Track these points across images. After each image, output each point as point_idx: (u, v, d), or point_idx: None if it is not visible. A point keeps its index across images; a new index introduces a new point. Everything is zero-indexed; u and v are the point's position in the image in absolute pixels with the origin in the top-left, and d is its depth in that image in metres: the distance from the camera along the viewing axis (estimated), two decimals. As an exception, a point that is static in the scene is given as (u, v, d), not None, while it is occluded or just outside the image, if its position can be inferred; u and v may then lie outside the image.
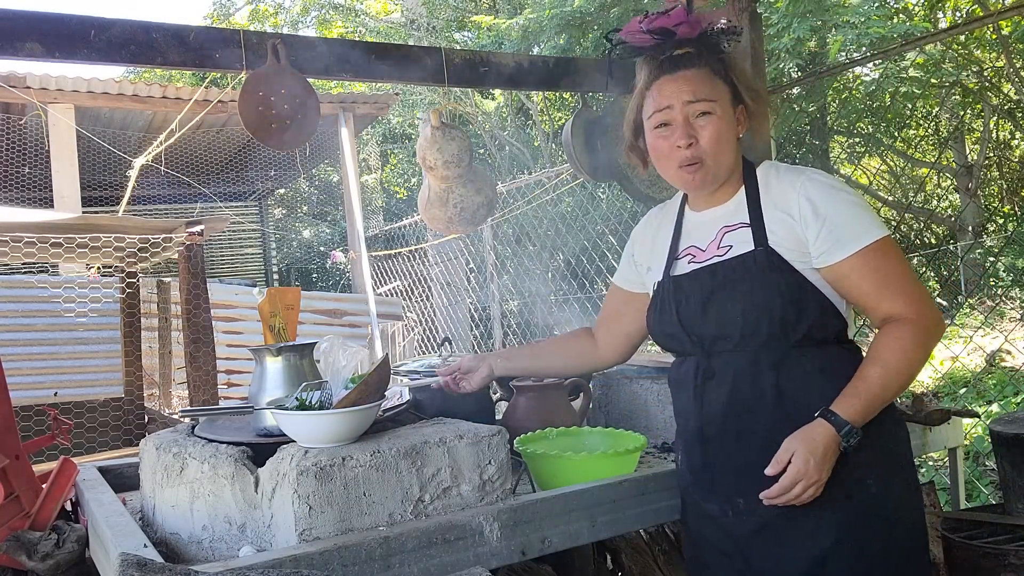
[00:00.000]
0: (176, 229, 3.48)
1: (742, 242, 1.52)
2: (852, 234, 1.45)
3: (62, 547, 1.61)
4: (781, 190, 1.52)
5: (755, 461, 1.46)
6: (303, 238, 13.81)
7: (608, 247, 6.48)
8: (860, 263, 1.44)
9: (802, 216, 1.47)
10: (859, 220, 1.46)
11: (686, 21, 1.53)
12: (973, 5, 7.34)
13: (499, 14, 9.88)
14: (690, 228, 1.66)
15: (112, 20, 2.22)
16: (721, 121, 1.52)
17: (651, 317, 1.68)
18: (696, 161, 1.52)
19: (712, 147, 1.52)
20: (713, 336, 1.52)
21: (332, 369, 1.87)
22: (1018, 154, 9.71)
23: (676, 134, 1.52)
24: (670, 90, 1.53)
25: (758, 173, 1.59)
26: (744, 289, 1.48)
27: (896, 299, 1.44)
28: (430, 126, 2.78)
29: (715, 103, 1.52)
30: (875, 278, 1.44)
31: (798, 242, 1.47)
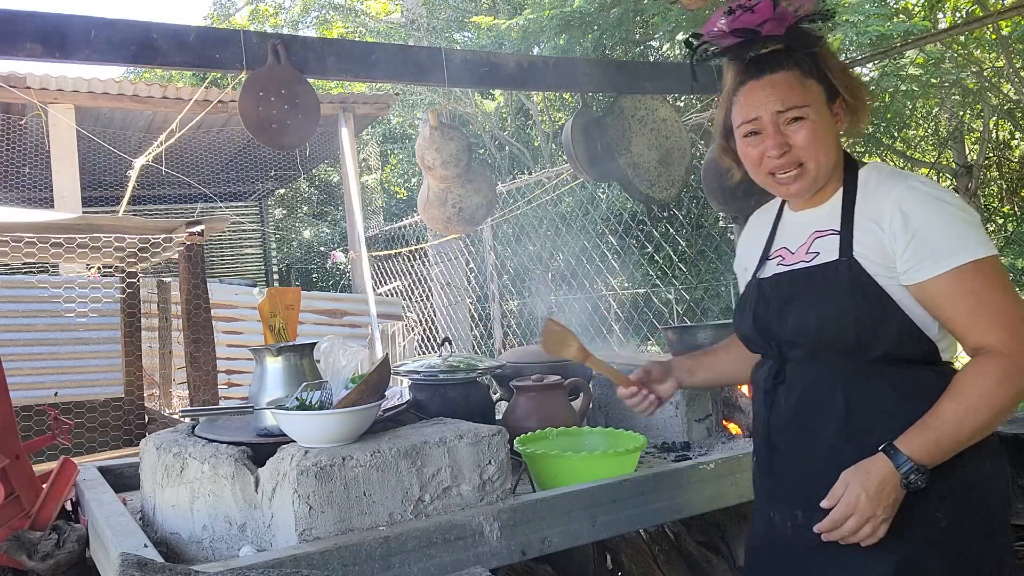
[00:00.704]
0: (176, 229, 3.48)
1: (829, 250, 1.42)
2: (945, 251, 1.30)
3: (62, 547, 1.61)
4: (877, 197, 1.39)
5: (814, 477, 1.38)
6: (303, 238, 13.81)
7: (608, 247, 6.48)
8: (951, 284, 1.30)
9: (892, 228, 1.34)
10: (956, 236, 1.31)
11: (772, 17, 1.40)
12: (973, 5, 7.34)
13: (499, 14, 9.88)
14: (785, 229, 1.57)
15: (112, 20, 2.22)
16: (816, 123, 1.40)
17: (735, 318, 1.62)
18: (792, 167, 1.42)
19: (808, 149, 1.40)
20: (788, 342, 1.45)
21: (332, 369, 1.87)
22: (1018, 154, 9.71)
23: (767, 142, 1.42)
24: (757, 99, 1.42)
25: (860, 175, 1.45)
26: (822, 300, 1.39)
27: (989, 329, 1.29)
28: (429, 126, 2.78)
29: (807, 107, 1.40)
30: (967, 303, 1.30)
31: (884, 255, 1.35)
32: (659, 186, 3.14)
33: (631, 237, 6.75)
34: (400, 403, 1.94)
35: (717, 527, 2.25)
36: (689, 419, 2.28)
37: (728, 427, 2.38)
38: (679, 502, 1.86)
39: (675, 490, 1.85)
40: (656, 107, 3.18)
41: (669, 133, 3.19)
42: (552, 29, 7.64)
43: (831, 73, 1.43)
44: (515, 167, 10.69)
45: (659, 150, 3.15)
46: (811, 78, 1.42)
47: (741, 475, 1.98)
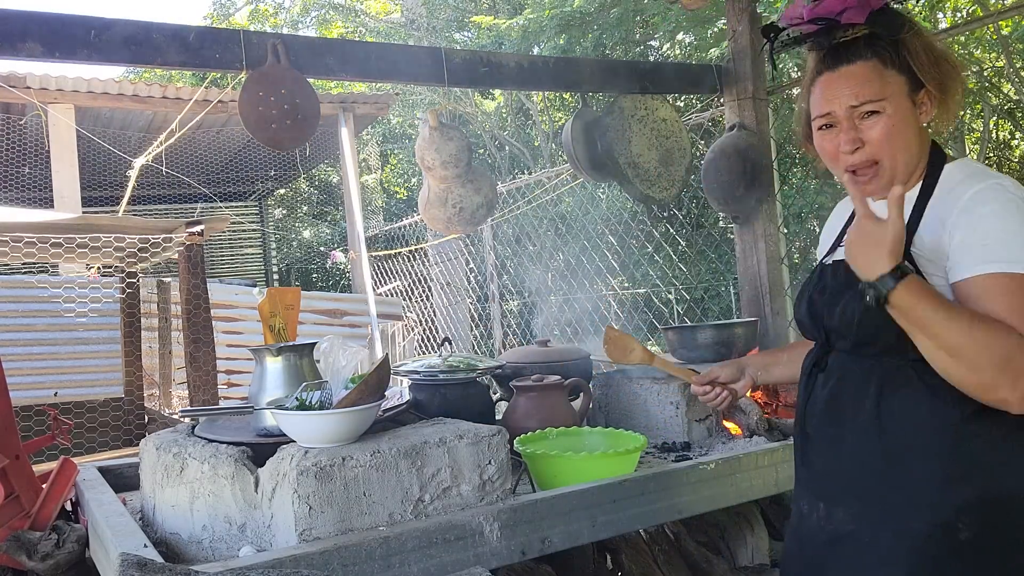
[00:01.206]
0: (176, 229, 3.48)
1: None
2: (996, 252, 1.21)
3: (62, 547, 1.61)
4: (953, 195, 1.30)
5: (837, 471, 1.36)
6: (303, 238, 13.81)
7: (608, 247, 6.48)
8: (992, 287, 1.21)
9: (953, 223, 1.26)
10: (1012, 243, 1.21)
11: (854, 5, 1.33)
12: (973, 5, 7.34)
13: (499, 14, 9.88)
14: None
15: (112, 20, 2.22)
16: (892, 119, 1.32)
17: (795, 302, 1.56)
18: (867, 164, 1.34)
19: (883, 147, 1.32)
20: (836, 331, 1.39)
21: (332, 369, 1.87)
22: (1018, 154, 9.71)
23: (840, 137, 1.35)
24: (831, 92, 1.35)
25: (944, 170, 1.35)
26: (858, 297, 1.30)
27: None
28: (428, 126, 2.78)
29: (884, 101, 1.32)
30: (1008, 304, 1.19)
31: (940, 254, 1.28)
32: (659, 186, 3.14)
33: (631, 237, 6.75)
34: (400, 403, 1.94)
35: (717, 527, 2.25)
36: (689, 419, 2.28)
37: (728, 427, 2.38)
38: (679, 502, 1.86)
39: (675, 490, 1.85)
40: (656, 107, 3.18)
41: (669, 133, 3.19)
42: (552, 29, 7.65)
43: (915, 62, 1.33)
44: (515, 167, 10.70)
45: (659, 150, 3.15)
46: (892, 68, 1.33)
47: (741, 475, 1.99)
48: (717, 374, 1.73)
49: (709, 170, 3.15)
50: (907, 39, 1.34)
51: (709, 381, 1.73)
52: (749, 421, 2.30)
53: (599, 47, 8.03)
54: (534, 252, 7.66)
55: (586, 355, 2.54)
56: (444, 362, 2.13)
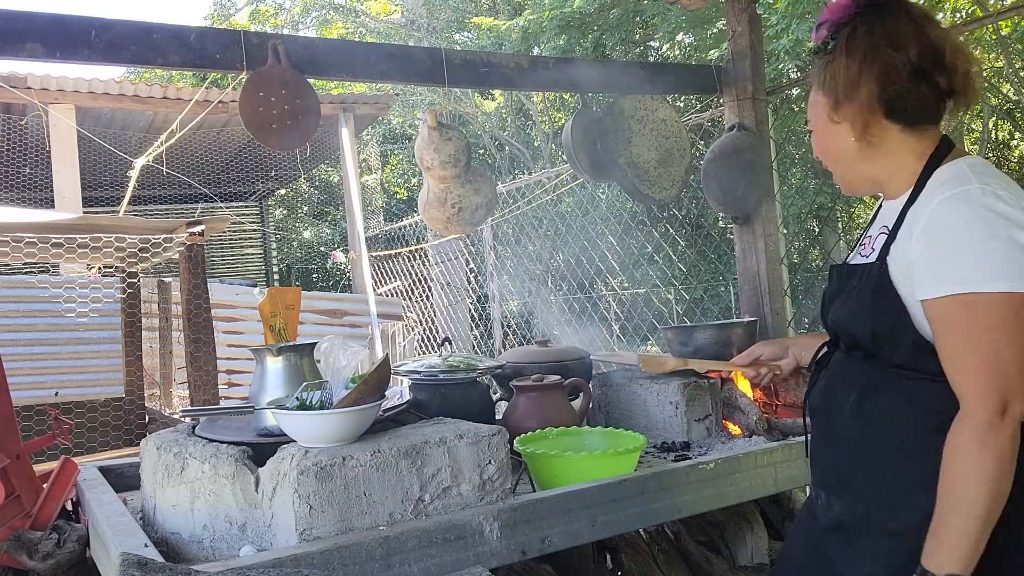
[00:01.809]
0: (177, 229, 3.48)
1: (876, 249, 1.37)
2: (944, 274, 1.20)
3: (63, 547, 1.61)
4: (925, 200, 1.28)
5: (834, 464, 1.41)
6: (303, 238, 13.81)
7: (608, 247, 6.48)
8: (941, 311, 1.21)
9: (918, 237, 1.26)
10: (966, 260, 1.19)
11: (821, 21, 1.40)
12: (973, 5, 7.34)
13: (499, 15, 9.88)
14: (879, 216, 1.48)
15: (112, 21, 2.22)
16: (818, 135, 1.44)
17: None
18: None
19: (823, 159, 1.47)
20: (832, 332, 1.48)
21: (332, 369, 1.87)
22: (1017, 154, 9.71)
23: None
24: None
25: (933, 175, 1.33)
26: (854, 300, 1.37)
27: (956, 375, 1.20)
28: (427, 126, 2.79)
29: (812, 120, 1.45)
30: (943, 338, 1.21)
31: (907, 265, 1.28)
32: (659, 186, 3.14)
33: (631, 237, 6.76)
34: (400, 403, 1.94)
35: (717, 527, 2.25)
36: (689, 419, 2.29)
37: (728, 427, 2.38)
38: (679, 502, 1.87)
39: (675, 490, 1.86)
40: (656, 107, 3.18)
41: (669, 133, 3.19)
42: (552, 30, 7.65)
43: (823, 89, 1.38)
44: (515, 167, 10.70)
45: (659, 150, 3.15)
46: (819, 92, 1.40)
47: (741, 475, 1.99)
48: (760, 352, 1.78)
49: (709, 170, 3.15)
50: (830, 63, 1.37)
51: (751, 362, 1.79)
52: (749, 421, 2.30)
53: (599, 48, 8.03)
54: (534, 252, 7.66)
55: (586, 355, 2.54)
56: (444, 362, 2.13)
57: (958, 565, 1.16)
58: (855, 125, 1.35)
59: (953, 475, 1.18)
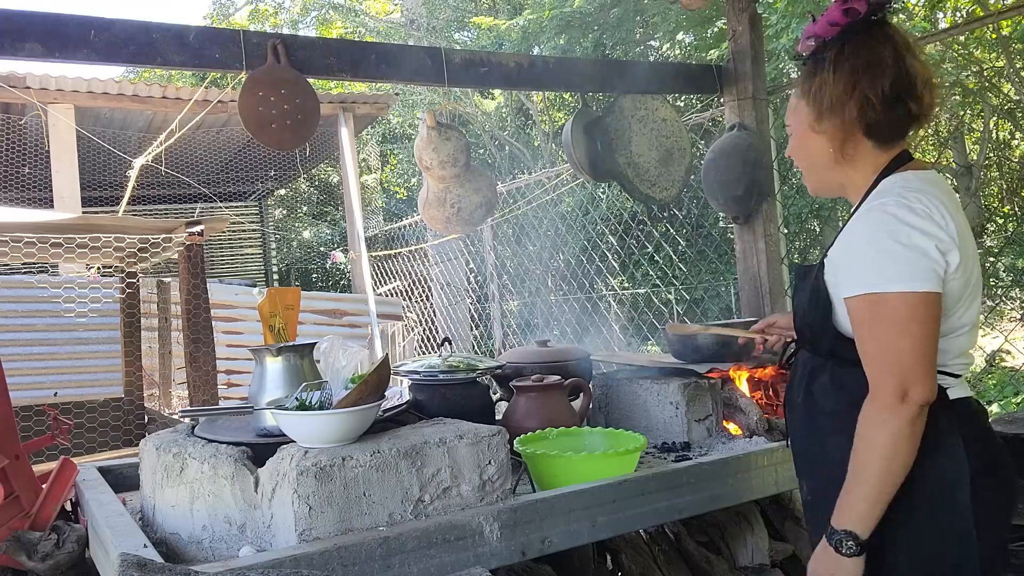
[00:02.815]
0: (176, 229, 3.48)
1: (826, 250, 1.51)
2: (853, 276, 1.37)
3: (62, 547, 1.61)
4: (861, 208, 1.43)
5: (800, 451, 1.55)
6: (303, 238, 13.81)
7: (608, 247, 6.48)
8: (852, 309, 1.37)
9: (838, 242, 1.43)
10: (871, 264, 1.33)
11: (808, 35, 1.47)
12: (973, 5, 7.34)
13: (499, 15, 9.88)
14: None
15: (112, 20, 2.22)
16: (797, 140, 1.52)
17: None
18: None
19: (797, 161, 1.55)
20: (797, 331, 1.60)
21: (332, 369, 1.87)
22: (1018, 154, 9.71)
23: None
24: None
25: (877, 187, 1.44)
26: (802, 297, 1.51)
27: (865, 363, 1.36)
28: (426, 126, 2.79)
29: (793, 124, 1.53)
30: (856, 331, 1.38)
31: (835, 267, 1.44)
32: (659, 186, 3.14)
33: (631, 237, 6.75)
34: (400, 403, 1.93)
35: (717, 527, 2.25)
36: (689, 419, 2.28)
37: (728, 427, 2.38)
38: (679, 502, 1.86)
39: (675, 490, 1.85)
40: (656, 107, 3.18)
41: (669, 133, 3.19)
42: (552, 29, 7.65)
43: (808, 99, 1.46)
44: (515, 167, 10.69)
45: (659, 150, 3.15)
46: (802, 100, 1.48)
47: (741, 475, 1.99)
48: (775, 319, 1.89)
49: (709, 170, 3.15)
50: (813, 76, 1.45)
51: (766, 326, 1.89)
52: (749, 421, 2.30)
53: (599, 47, 8.03)
54: (534, 252, 7.66)
55: (586, 355, 2.54)
56: (444, 362, 2.13)
57: (858, 525, 1.33)
58: (834, 139, 1.44)
59: (857, 448, 1.34)
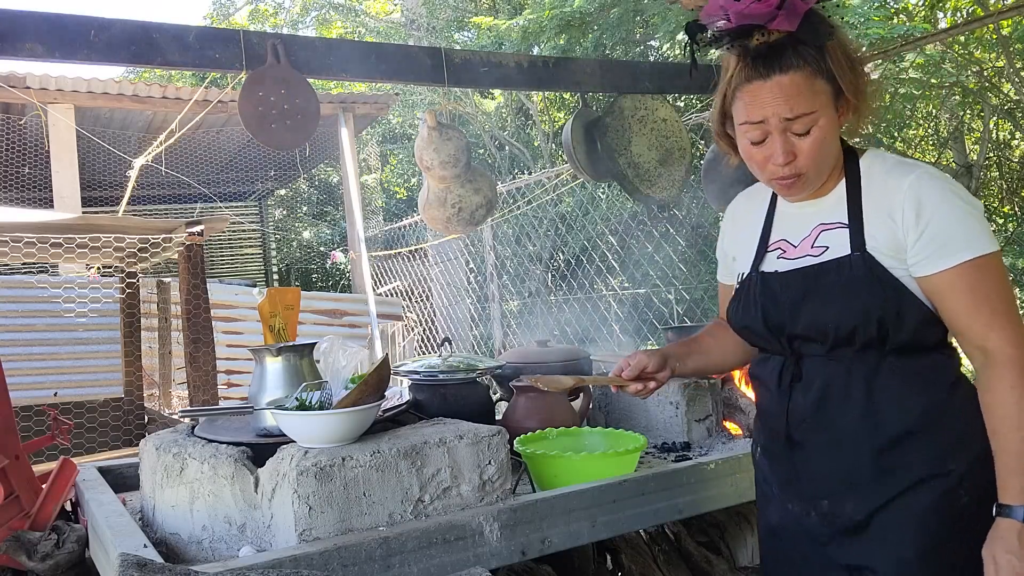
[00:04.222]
0: (176, 229, 3.48)
1: (839, 244, 1.38)
2: (953, 246, 1.29)
3: (62, 547, 1.61)
4: (886, 188, 1.35)
5: (840, 468, 1.40)
6: (303, 238, 13.81)
7: (608, 247, 6.48)
8: (955, 279, 1.30)
9: (904, 220, 1.32)
10: (965, 230, 1.30)
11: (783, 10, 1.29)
12: (973, 5, 7.34)
13: (499, 14, 9.88)
14: (783, 220, 1.51)
15: (112, 20, 2.22)
16: (823, 130, 1.34)
17: (733, 310, 1.55)
18: (794, 176, 1.36)
19: (813, 159, 1.35)
20: (802, 338, 1.42)
21: (332, 369, 1.87)
22: (1018, 154, 9.71)
23: (774, 148, 1.35)
24: (764, 101, 1.32)
25: (861, 165, 1.40)
26: (840, 297, 1.36)
27: (991, 329, 1.29)
28: (427, 126, 2.78)
29: (816, 114, 1.32)
30: (969, 299, 1.30)
31: (898, 247, 1.33)
32: (659, 186, 3.14)
33: (631, 237, 6.75)
34: (400, 403, 1.93)
35: (717, 527, 2.25)
36: (689, 419, 2.28)
37: (728, 427, 2.38)
38: (679, 502, 1.86)
39: (675, 490, 1.85)
40: (656, 107, 3.18)
41: (669, 133, 3.19)
42: (552, 29, 7.64)
43: (838, 70, 1.33)
44: (515, 167, 10.69)
45: (659, 150, 3.15)
46: (820, 77, 1.32)
47: (741, 475, 1.98)
48: (646, 363, 1.56)
49: (709, 170, 3.15)
50: (830, 46, 1.33)
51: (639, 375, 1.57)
52: (749, 421, 2.30)
53: (599, 47, 8.02)
54: (534, 252, 7.66)
55: (586, 355, 2.54)
56: (444, 362, 2.13)
57: None
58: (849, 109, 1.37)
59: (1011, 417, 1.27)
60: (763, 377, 1.54)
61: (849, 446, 1.39)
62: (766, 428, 1.55)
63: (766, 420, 1.55)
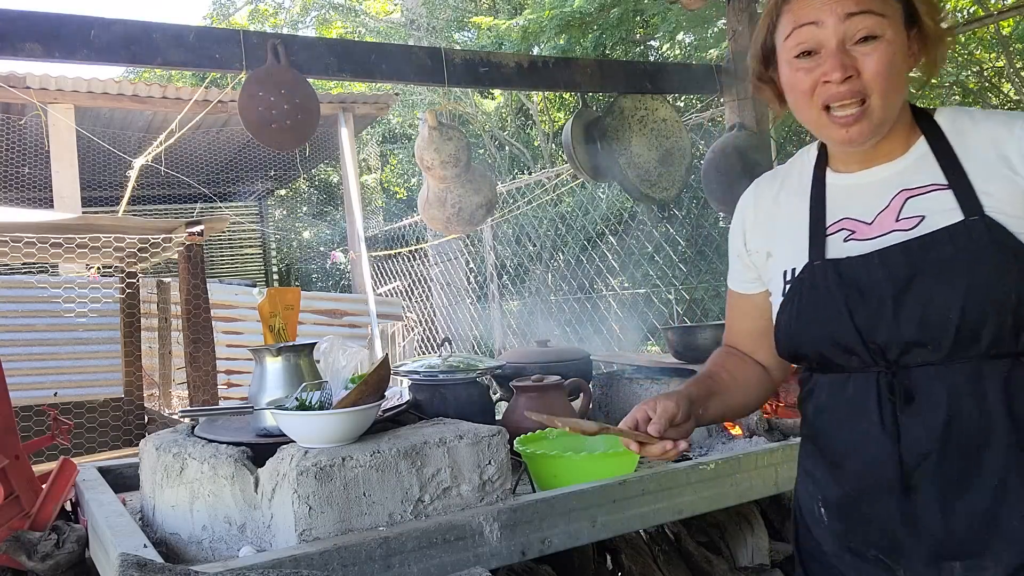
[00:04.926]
0: (176, 229, 3.48)
1: (941, 210, 1.07)
2: None
3: (62, 547, 1.61)
4: (990, 138, 1.08)
5: (982, 512, 1.05)
6: (303, 238, 13.81)
7: (608, 247, 6.48)
8: None
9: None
10: None
11: None
12: (973, 5, 7.34)
13: (499, 14, 9.88)
14: (840, 193, 1.18)
15: (112, 20, 2.22)
16: (892, 47, 1.06)
17: (787, 321, 1.19)
18: (854, 101, 1.06)
19: (878, 81, 1.06)
20: (907, 343, 1.06)
21: (332, 369, 1.87)
22: (1018, 154, 9.72)
23: (826, 64, 1.07)
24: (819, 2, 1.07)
25: (939, 120, 1.13)
26: (959, 276, 1.02)
27: None
28: (427, 126, 2.79)
29: (884, 20, 1.05)
30: None
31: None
32: (659, 186, 3.14)
33: (631, 237, 6.75)
34: (400, 403, 1.93)
35: (717, 527, 2.25)
36: (689, 419, 2.28)
37: (728, 428, 2.38)
38: (679, 502, 1.86)
39: (675, 490, 1.85)
40: (656, 107, 3.18)
41: (669, 133, 3.19)
42: (552, 29, 7.64)
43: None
44: (515, 167, 10.69)
45: (659, 150, 3.15)
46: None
47: (741, 475, 1.98)
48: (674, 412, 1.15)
49: (709, 170, 3.15)
50: None
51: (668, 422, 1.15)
52: (749, 421, 2.30)
53: (599, 47, 8.03)
54: (534, 252, 7.66)
55: (586, 355, 2.54)
56: (444, 362, 2.13)
57: None
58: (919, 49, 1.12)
59: None
60: (844, 407, 1.14)
61: (991, 481, 1.04)
62: (852, 476, 1.14)
63: (852, 465, 1.14)
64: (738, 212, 1.36)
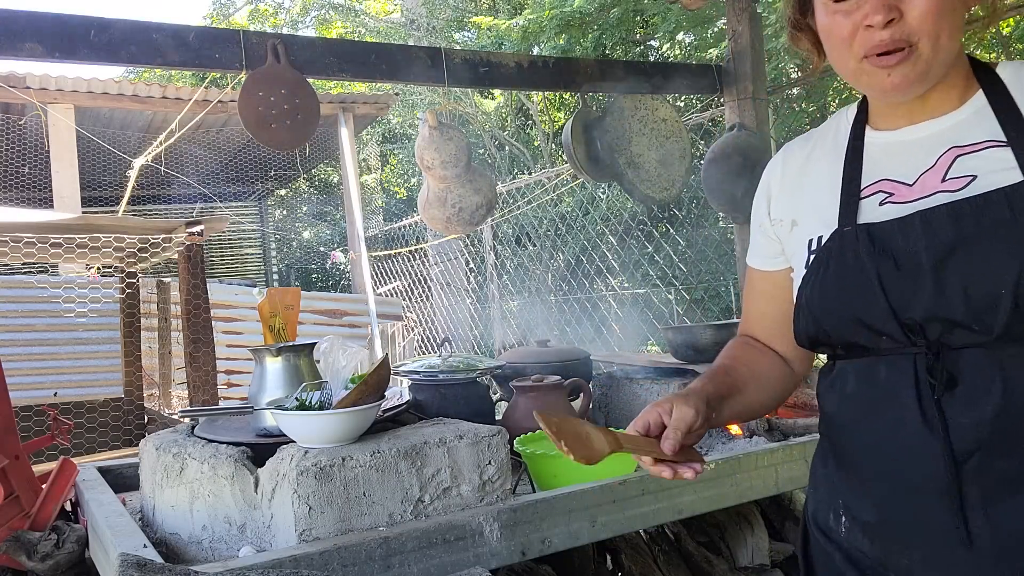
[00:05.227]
0: (176, 229, 3.48)
1: (996, 169, 0.93)
2: None
3: (62, 547, 1.61)
4: None
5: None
6: (303, 238, 13.82)
7: (608, 247, 6.48)
8: None
9: None
10: None
11: None
12: (973, 5, 7.35)
13: (499, 14, 9.88)
14: (879, 152, 1.04)
15: (112, 20, 2.22)
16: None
17: (808, 297, 1.04)
18: (898, 48, 0.93)
19: (929, 24, 0.92)
20: (951, 320, 0.91)
21: (332, 369, 1.87)
22: (1018, 154, 9.72)
23: (867, 5, 0.93)
24: None
25: (1001, 73, 0.99)
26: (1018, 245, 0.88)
27: None
28: (428, 126, 2.79)
29: None
30: None
31: None
32: (659, 186, 3.14)
33: (631, 237, 6.76)
34: (400, 403, 1.93)
35: (717, 527, 2.25)
36: (689, 419, 2.28)
37: (728, 428, 2.38)
38: (679, 502, 1.86)
39: (675, 490, 1.85)
40: (656, 107, 3.18)
41: (669, 133, 3.19)
42: (552, 29, 7.65)
43: None
44: (515, 167, 10.69)
45: (659, 150, 3.15)
46: None
47: (741, 475, 1.98)
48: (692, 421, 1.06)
49: (709, 170, 3.15)
50: None
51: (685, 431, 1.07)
52: (749, 421, 2.30)
53: (599, 47, 8.03)
54: (534, 252, 7.66)
55: (586, 355, 2.54)
56: (444, 362, 2.13)
57: None
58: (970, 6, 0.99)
59: None
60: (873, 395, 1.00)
61: None
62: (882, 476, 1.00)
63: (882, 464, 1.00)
64: (763, 179, 1.22)
